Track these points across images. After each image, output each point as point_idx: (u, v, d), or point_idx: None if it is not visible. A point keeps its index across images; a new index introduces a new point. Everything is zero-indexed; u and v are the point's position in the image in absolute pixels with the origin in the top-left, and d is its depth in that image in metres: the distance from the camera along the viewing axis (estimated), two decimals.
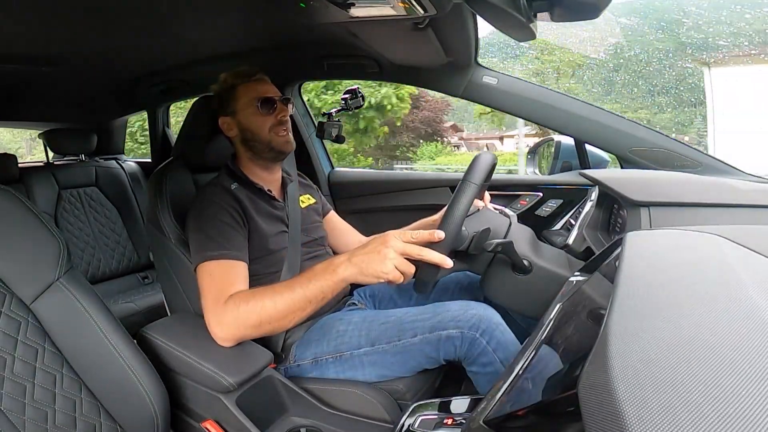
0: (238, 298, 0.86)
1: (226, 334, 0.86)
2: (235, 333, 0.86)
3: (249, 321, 0.84)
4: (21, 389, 0.73)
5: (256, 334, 0.87)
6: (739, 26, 6.03)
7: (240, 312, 0.85)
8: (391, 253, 0.74)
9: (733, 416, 0.24)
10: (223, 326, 0.86)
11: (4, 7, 1.01)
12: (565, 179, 1.43)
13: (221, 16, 1.25)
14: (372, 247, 0.77)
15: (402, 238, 0.76)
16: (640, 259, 0.52)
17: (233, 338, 0.87)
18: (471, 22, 1.17)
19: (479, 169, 0.84)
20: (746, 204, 0.87)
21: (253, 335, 0.88)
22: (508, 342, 0.91)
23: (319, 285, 0.81)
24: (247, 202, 1.03)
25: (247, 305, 0.84)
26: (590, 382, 0.31)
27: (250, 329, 0.86)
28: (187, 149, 1.19)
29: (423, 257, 0.74)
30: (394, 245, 0.75)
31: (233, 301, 0.86)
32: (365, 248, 0.78)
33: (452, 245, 0.85)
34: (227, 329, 0.86)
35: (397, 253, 0.74)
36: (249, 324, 0.85)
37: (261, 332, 0.87)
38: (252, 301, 0.85)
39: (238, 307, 0.85)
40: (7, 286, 0.75)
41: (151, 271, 2.23)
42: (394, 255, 0.74)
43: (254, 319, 0.84)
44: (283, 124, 1.07)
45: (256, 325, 0.85)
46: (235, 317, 0.85)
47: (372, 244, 0.77)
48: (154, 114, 2.29)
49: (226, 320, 0.86)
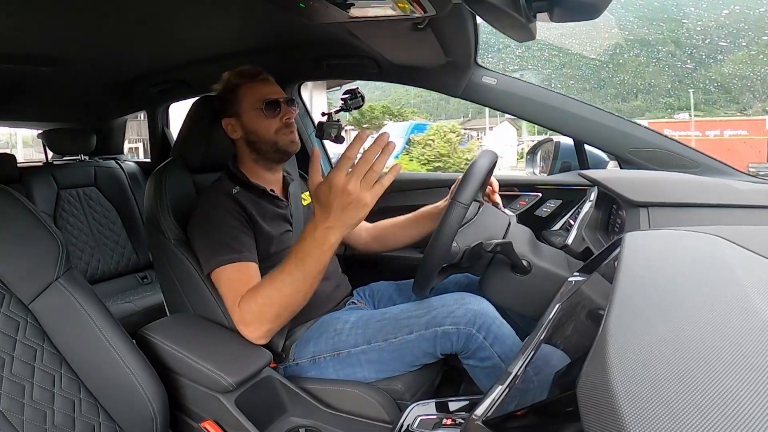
0: (249, 297, 0.89)
1: (255, 333, 0.89)
2: (260, 330, 0.89)
3: (268, 315, 0.87)
4: (20, 389, 0.73)
5: (280, 323, 0.90)
6: (739, 26, 6.06)
7: (256, 310, 0.87)
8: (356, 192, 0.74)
9: (732, 416, 0.24)
10: (249, 326, 0.89)
11: (4, 7, 1.01)
12: (565, 179, 1.43)
13: (220, 16, 1.25)
14: (334, 202, 0.75)
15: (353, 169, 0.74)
16: (639, 259, 0.52)
17: (264, 334, 0.90)
18: (470, 23, 1.17)
19: (470, 187, 0.85)
20: (745, 204, 0.87)
21: (277, 326, 0.90)
22: (505, 336, 0.92)
23: (314, 259, 0.82)
24: (250, 206, 1.03)
25: (257, 302, 0.87)
26: (589, 383, 0.31)
27: (275, 320, 0.88)
28: (186, 149, 1.19)
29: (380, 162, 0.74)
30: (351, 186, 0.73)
31: (245, 301, 0.89)
32: (331, 207, 0.76)
33: (442, 263, 0.88)
34: (254, 328, 0.89)
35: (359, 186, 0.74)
36: (270, 317, 0.88)
37: (283, 320, 0.90)
38: (260, 297, 0.87)
39: (254, 306, 0.88)
40: (5, 286, 0.75)
41: (150, 272, 2.22)
42: (359, 190, 0.74)
43: (271, 311, 0.87)
44: (288, 126, 1.07)
45: (276, 315, 0.88)
46: (255, 315, 0.88)
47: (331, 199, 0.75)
48: (153, 114, 2.29)
49: (248, 319, 0.88)
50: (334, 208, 0.76)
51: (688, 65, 20.95)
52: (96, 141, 2.31)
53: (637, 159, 1.27)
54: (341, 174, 0.74)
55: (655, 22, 21.27)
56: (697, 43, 20.49)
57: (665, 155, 1.25)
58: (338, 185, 0.74)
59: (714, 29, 19.11)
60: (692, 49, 20.62)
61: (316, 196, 0.78)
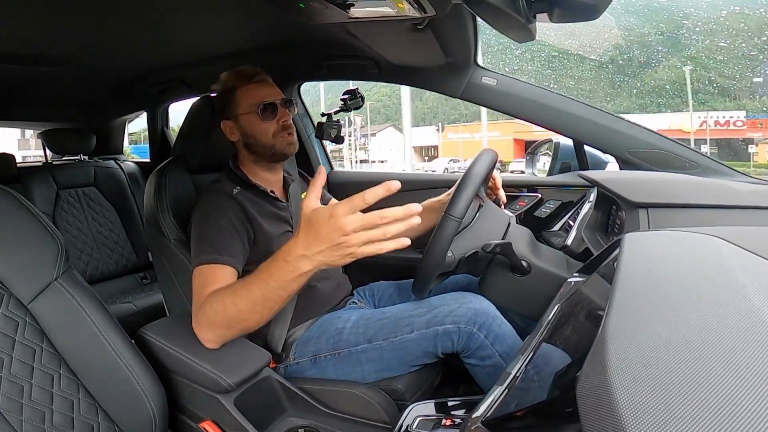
0: (209, 299, 0.85)
1: (203, 335, 0.85)
2: (210, 334, 0.85)
3: (218, 321, 0.82)
4: (18, 389, 0.72)
5: (231, 333, 0.85)
6: (738, 27, 6.12)
7: (208, 313, 0.83)
8: (353, 239, 0.65)
9: (731, 416, 0.24)
10: (199, 326, 0.85)
11: (4, 7, 1.01)
12: (564, 180, 1.43)
13: (220, 16, 1.25)
14: (327, 236, 0.67)
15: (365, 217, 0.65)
16: (639, 260, 0.52)
17: (211, 340, 0.85)
18: (470, 23, 1.17)
19: (463, 198, 0.85)
20: (744, 205, 0.87)
21: (228, 335, 0.85)
22: (506, 334, 0.92)
23: (279, 283, 0.75)
24: (250, 207, 1.03)
25: (212, 306, 0.83)
26: (588, 383, 0.31)
27: (223, 329, 0.84)
28: (186, 149, 1.19)
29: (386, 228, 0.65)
30: (353, 229, 0.65)
31: (207, 302, 0.85)
32: (319, 237, 0.68)
33: (437, 272, 0.89)
34: (203, 330, 0.85)
35: (359, 236, 0.65)
36: (219, 324, 0.83)
37: (235, 332, 0.84)
38: (216, 302, 0.82)
39: (207, 308, 0.83)
40: (5, 286, 0.75)
41: (149, 272, 2.22)
42: (357, 240, 0.65)
43: (221, 319, 0.82)
44: (286, 129, 1.06)
45: (226, 325, 0.83)
46: (207, 318, 0.83)
47: (324, 231, 0.67)
48: (153, 114, 2.29)
49: (200, 320, 0.85)
50: (321, 240, 0.68)
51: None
52: (96, 141, 2.31)
53: (637, 160, 1.27)
54: (349, 212, 0.65)
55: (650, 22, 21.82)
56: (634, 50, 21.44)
57: (665, 156, 1.25)
58: (339, 221, 0.65)
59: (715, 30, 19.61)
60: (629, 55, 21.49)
61: (309, 218, 0.69)
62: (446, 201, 0.92)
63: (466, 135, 22.62)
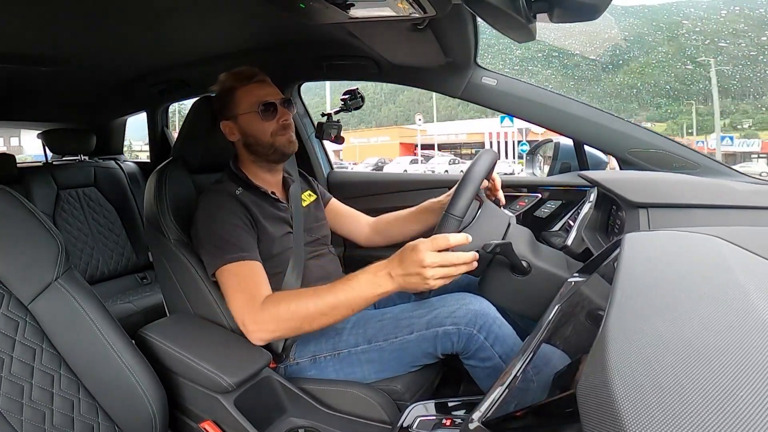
0: (276, 299, 0.89)
1: (263, 333, 0.89)
2: (273, 332, 0.89)
3: (291, 318, 0.87)
4: (19, 389, 0.72)
5: (291, 333, 0.91)
6: (738, 27, 6.13)
7: (280, 312, 0.87)
8: (429, 272, 0.78)
9: (731, 417, 0.24)
10: (261, 325, 0.89)
11: (4, 7, 1.01)
12: (564, 180, 1.43)
13: (220, 16, 1.25)
14: (409, 265, 0.79)
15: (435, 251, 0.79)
16: (639, 260, 0.52)
17: (270, 337, 0.91)
18: (470, 23, 1.17)
19: (464, 197, 0.86)
20: (744, 206, 0.87)
21: (288, 335, 0.92)
22: (506, 336, 0.92)
23: (363, 295, 0.84)
24: (253, 207, 1.03)
25: (288, 304, 0.87)
26: (588, 383, 0.31)
27: (289, 328, 0.89)
28: (186, 150, 1.19)
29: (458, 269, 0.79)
30: (430, 263, 0.77)
31: (271, 301, 0.89)
32: (403, 263, 0.80)
33: None
34: (265, 328, 0.89)
35: (435, 271, 0.78)
36: (290, 320, 0.87)
37: (297, 332, 0.90)
38: (294, 302, 0.87)
39: (277, 307, 0.88)
40: (5, 286, 0.75)
41: (149, 272, 2.22)
42: (433, 272, 0.78)
43: (298, 317, 0.87)
44: (285, 128, 1.06)
45: (296, 324, 0.88)
46: (274, 317, 0.88)
47: (409, 259, 0.79)
48: (153, 114, 2.29)
49: (264, 319, 0.88)
50: (403, 266, 0.80)
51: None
52: (96, 141, 2.31)
53: (637, 160, 1.27)
54: (431, 248, 0.78)
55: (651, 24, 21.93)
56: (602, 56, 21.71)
57: (665, 156, 1.25)
58: (420, 255, 0.78)
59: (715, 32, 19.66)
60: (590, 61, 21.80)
61: (405, 246, 0.82)
62: (446, 202, 0.92)
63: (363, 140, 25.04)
